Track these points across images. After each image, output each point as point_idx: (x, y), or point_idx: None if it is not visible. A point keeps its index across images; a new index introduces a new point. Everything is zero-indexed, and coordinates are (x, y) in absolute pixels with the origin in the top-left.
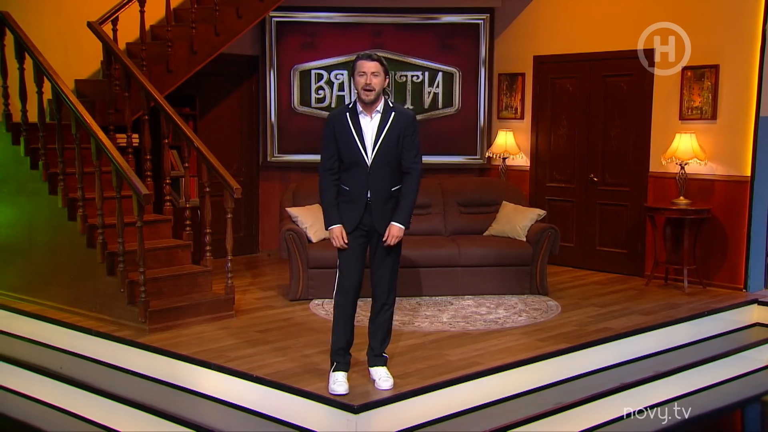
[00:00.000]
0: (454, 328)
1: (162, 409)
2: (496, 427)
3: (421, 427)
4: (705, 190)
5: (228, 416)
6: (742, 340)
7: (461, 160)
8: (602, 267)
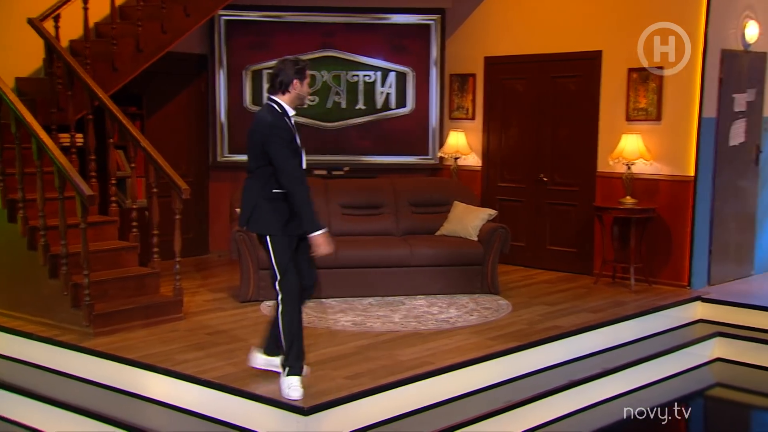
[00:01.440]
0: (405, 328)
1: (107, 415)
2: (447, 426)
3: (372, 427)
4: (651, 189)
5: (175, 420)
6: (686, 336)
7: (414, 160)
8: (552, 266)
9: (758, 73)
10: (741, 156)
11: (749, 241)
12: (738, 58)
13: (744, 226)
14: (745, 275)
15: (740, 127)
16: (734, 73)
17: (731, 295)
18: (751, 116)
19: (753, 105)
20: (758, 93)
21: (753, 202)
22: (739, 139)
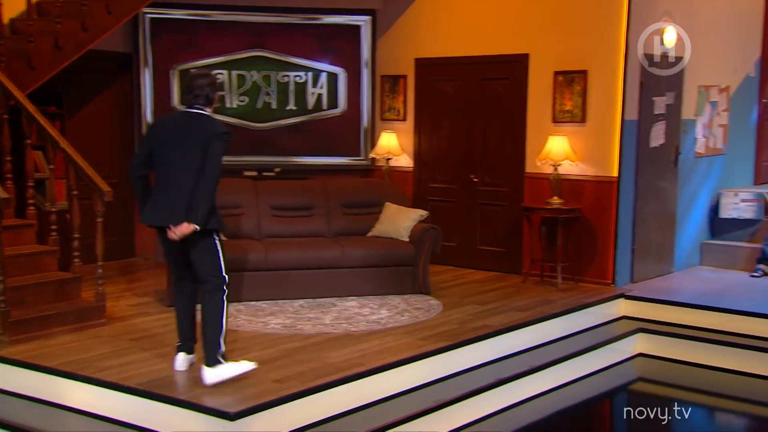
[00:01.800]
0: (336, 329)
1: (26, 426)
2: (377, 427)
3: (301, 430)
4: (577, 189)
5: (97, 429)
6: (609, 333)
7: (345, 161)
8: (483, 265)
9: (676, 76)
10: (661, 157)
11: (670, 240)
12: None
13: (665, 225)
14: (666, 272)
15: (660, 129)
16: (654, 76)
17: (653, 292)
18: (670, 119)
19: (672, 108)
20: (676, 96)
21: (673, 202)
22: (660, 141)
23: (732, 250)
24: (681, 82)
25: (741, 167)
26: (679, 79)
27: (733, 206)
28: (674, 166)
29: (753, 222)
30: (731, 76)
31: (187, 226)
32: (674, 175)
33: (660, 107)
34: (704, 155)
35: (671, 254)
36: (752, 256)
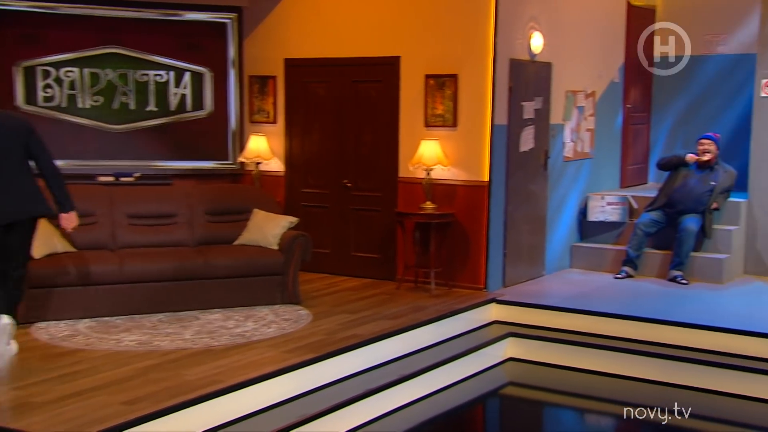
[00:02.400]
0: (197, 345)
1: None
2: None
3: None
4: (449, 194)
5: None
6: (481, 337)
7: (213, 165)
8: (357, 272)
9: (544, 82)
10: (531, 161)
11: (540, 243)
12: (525, 67)
13: (536, 229)
14: (538, 276)
15: (529, 134)
16: (522, 81)
17: (523, 296)
18: (539, 123)
19: (540, 113)
20: (545, 101)
21: (543, 206)
22: (529, 145)
23: (599, 253)
24: (548, 87)
25: (608, 171)
26: (546, 84)
27: (599, 209)
28: (544, 170)
29: (618, 224)
30: (597, 82)
31: (70, 217)
32: (544, 178)
33: (529, 112)
34: (573, 159)
35: (542, 257)
36: (618, 257)
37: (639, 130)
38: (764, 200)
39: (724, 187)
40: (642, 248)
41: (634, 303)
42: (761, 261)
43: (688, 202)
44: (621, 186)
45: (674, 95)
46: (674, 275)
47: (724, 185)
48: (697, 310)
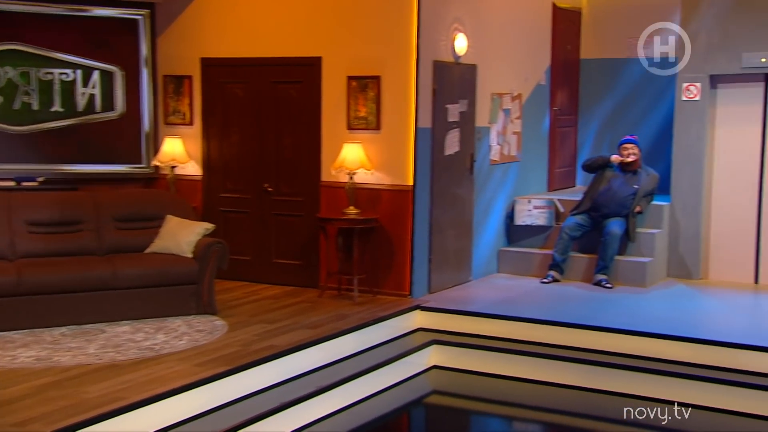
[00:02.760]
0: (101, 359)
1: None
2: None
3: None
4: (373, 199)
5: None
6: (405, 345)
7: (125, 169)
8: (279, 280)
9: (469, 84)
10: (456, 165)
11: (467, 248)
12: (449, 69)
13: (462, 233)
14: (464, 281)
15: (454, 137)
16: (446, 84)
17: (448, 302)
18: (465, 126)
19: (465, 115)
20: (470, 104)
21: (470, 210)
22: (454, 149)
23: (526, 257)
24: (474, 89)
25: (535, 174)
26: (471, 86)
27: (526, 213)
28: (470, 173)
29: (545, 228)
30: (523, 84)
31: None
32: (470, 182)
33: (454, 115)
34: (499, 162)
35: (469, 262)
36: (545, 262)
37: (566, 133)
38: (686, 203)
39: (647, 190)
40: (568, 252)
41: (558, 308)
42: (684, 264)
43: (612, 205)
44: (549, 189)
45: (600, 98)
46: (599, 279)
47: (647, 189)
48: (620, 315)
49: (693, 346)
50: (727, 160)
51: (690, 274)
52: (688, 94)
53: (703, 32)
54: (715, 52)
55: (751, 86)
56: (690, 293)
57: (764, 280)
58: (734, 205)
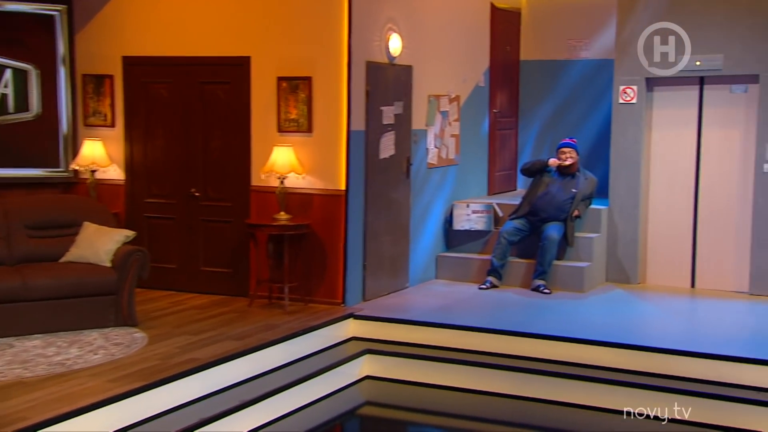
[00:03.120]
0: (6, 377)
1: None
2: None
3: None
4: (305, 204)
5: None
6: (337, 356)
7: (41, 173)
8: (208, 289)
9: (404, 86)
10: (392, 168)
11: (404, 254)
12: (383, 70)
13: (398, 239)
14: (401, 288)
15: (390, 140)
16: (381, 85)
17: (383, 310)
18: (400, 129)
19: (401, 118)
20: (405, 106)
21: (406, 214)
22: (390, 152)
23: (465, 263)
24: (410, 91)
25: (475, 177)
26: (407, 87)
27: (465, 217)
28: (406, 177)
29: (484, 233)
30: (461, 86)
31: None
32: (407, 186)
33: (388, 117)
34: (437, 166)
35: (405, 269)
36: (484, 267)
37: (506, 136)
38: (624, 207)
39: (586, 194)
40: (506, 257)
41: (495, 315)
42: (622, 268)
43: (550, 209)
44: (489, 193)
45: (541, 100)
46: (537, 285)
47: (586, 192)
48: (557, 321)
49: (628, 352)
50: (664, 163)
51: (628, 278)
52: (625, 96)
53: (639, 34)
54: (651, 55)
55: (687, 89)
56: (627, 298)
57: (700, 284)
58: (671, 208)
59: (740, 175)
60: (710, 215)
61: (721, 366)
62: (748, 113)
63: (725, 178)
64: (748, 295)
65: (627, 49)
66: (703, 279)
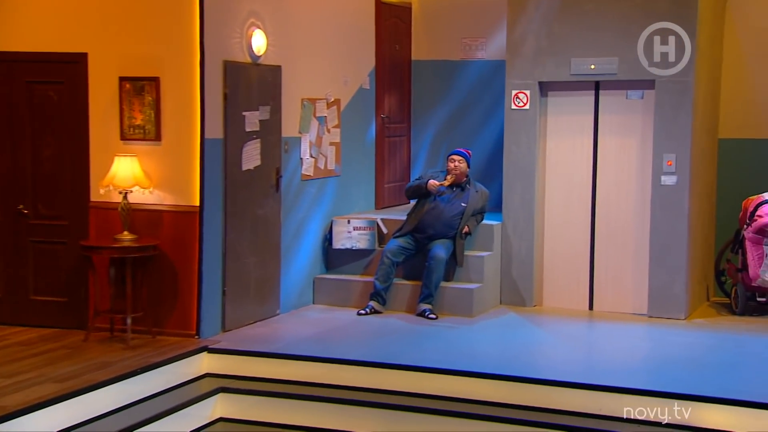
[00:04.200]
0: None
1: None
2: None
3: None
4: (153, 222)
5: None
6: (186, 395)
7: None
8: (38, 321)
9: (272, 88)
10: (258, 181)
11: (273, 277)
12: (246, 71)
13: (266, 260)
14: (270, 316)
15: (254, 149)
16: (242, 88)
17: (245, 342)
18: (268, 137)
19: (268, 124)
20: (274, 111)
21: (276, 233)
22: (254, 163)
23: (346, 286)
24: (278, 94)
25: (360, 190)
26: (275, 90)
27: (345, 235)
28: (275, 191)
29: (367, 252)
30: (342, 88)
31: None
32: (276, 201)
33: (252, 123)
34: (313, 177)
35: (276, 293)
36: (366, 290)
37: (397, 143)
38: (518, 223)
39: (477, 208)
40: (390, 279)
41: (371, 344)
42: (516, 290)
43: (437, 226)
44: (377, 207)
45: (435, 104)
46: (422, 309)
47: (476, 207)
48: (439, 350)
49: (514, 385)
50: (560, 174)
51: (523, 301)
52: (518, 102)
53: (530, 35)
54: (544, 57)
55: (582, 94)
56: (519, 323)
57: (599, 306)
58: (568, 223)
59: (638, 187)
60: (608, 231)
61: (614, 399)
62: (645, 121)
63: (623, 191)
64: (647, 317)
65: (519, 51)
66: (601, 301)
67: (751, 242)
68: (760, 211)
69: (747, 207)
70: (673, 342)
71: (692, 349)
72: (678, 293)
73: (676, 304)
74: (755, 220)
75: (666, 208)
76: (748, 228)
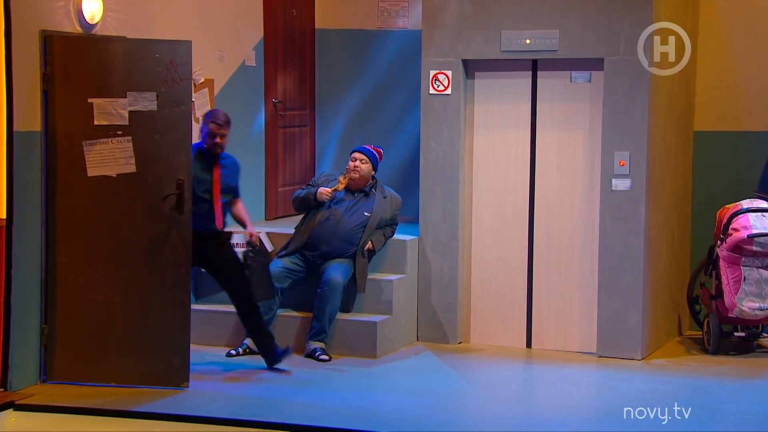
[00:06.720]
0: None
1: None
2: None
3: None
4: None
5: None
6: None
7: None
8: None
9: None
10: (135, 194)
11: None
12: (76, 43)
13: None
14: None
15: (117, 150)
16: (85, 66)
17: (72, 395)
18: (154, 135)
19: (157, 117)
20: (171, 99)
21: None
22: (120, 169)
23: (217, 319)
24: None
25: (245, 196)
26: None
27: None
28: (178, 212)
29: None
30: (216, 66)
31: None
32: (174, 225)
33: (111, 115)
34: None
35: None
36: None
37: (296, 135)
38: (439, 238)
39: (384, 219)
40: (272, 310)
41: (233, 396)
42: (436, 323)
43: (333, 241)
44: (267, 217)
45: (346, 86)
46: (312, 348)
47: (384, 217)
48: (323, 405)
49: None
50: (490, 177)
51: (445, 336)
52: (437, 86)
53: (452, 0)
54: (470, 29)
55: (516, 76)
56: (436, 367)
57: (538, 343)
58: (500, 240)
59: (585, 194)
60: (549, 250)
61: None
62: (593, 110)
63: (566, 199)
64: (596, 357)
65: (437, 20)
66: (541, 337)
67: (726, 262)
68: (735, 223)
69: (721, 218)
70: (617, 390)
71: (632, 399)
72: (633, 327)
73: (630, 341)
74: (730, 235)
75: (618, 219)
76: (722, 244)
